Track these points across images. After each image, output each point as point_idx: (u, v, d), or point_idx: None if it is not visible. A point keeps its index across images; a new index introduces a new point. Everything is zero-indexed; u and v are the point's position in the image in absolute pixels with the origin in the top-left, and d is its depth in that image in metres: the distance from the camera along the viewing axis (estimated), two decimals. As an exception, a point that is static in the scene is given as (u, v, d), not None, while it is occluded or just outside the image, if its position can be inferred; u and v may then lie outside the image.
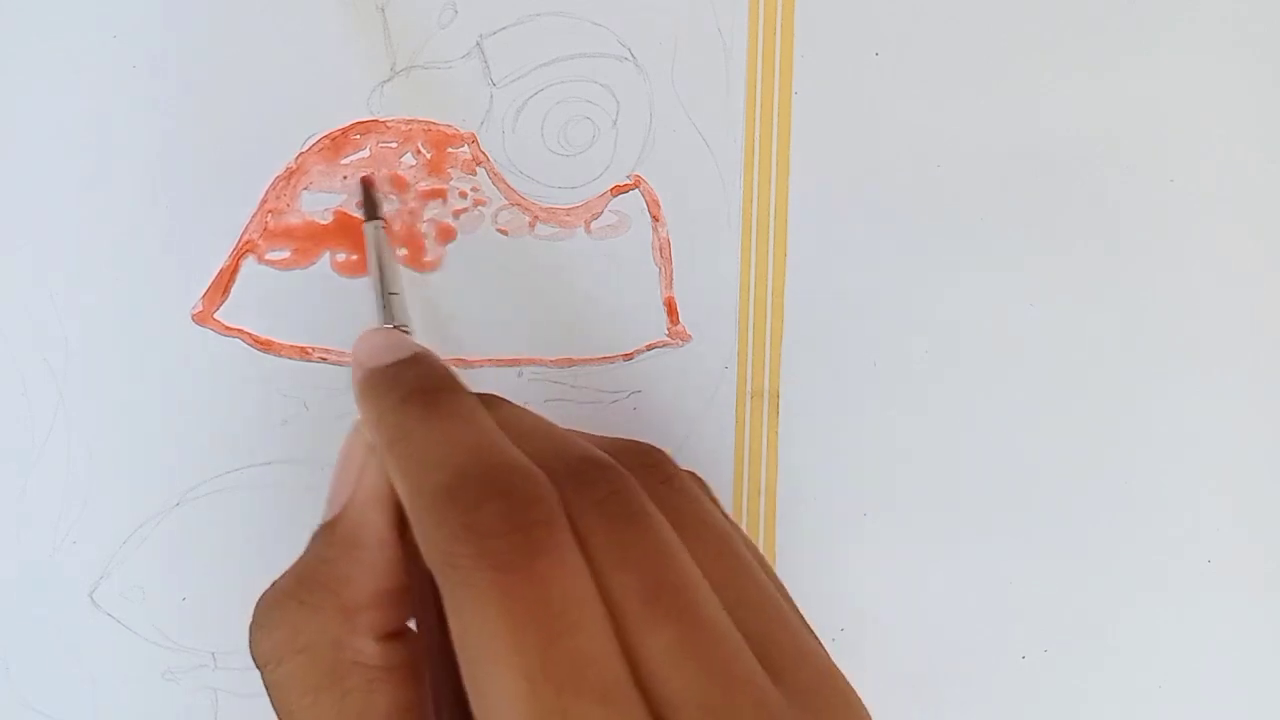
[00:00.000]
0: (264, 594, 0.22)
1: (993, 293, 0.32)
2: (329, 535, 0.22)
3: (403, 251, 0.30)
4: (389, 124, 0.30)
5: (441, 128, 0.30)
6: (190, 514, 0.30)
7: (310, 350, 0.30)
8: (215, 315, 0.30)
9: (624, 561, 0.19)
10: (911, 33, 0.31)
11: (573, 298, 0.31)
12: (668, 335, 0.31)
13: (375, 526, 0.22)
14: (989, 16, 0.32)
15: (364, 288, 0.30)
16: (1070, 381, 0.32)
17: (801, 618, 0.21)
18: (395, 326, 0.26)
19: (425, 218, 0.30)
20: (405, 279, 0.30)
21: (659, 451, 0.22)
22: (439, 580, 0.18)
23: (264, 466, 0.30)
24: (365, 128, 0.30)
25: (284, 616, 0.21)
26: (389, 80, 0.30)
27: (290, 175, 0.30)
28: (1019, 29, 0.32)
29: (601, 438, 0.23)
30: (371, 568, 0.21)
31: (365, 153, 0.30)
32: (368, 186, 0.29)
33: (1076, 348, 0.32)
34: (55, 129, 0.29)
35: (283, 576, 0.22)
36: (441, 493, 0.19)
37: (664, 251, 0.31)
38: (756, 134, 0.31)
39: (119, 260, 0.29)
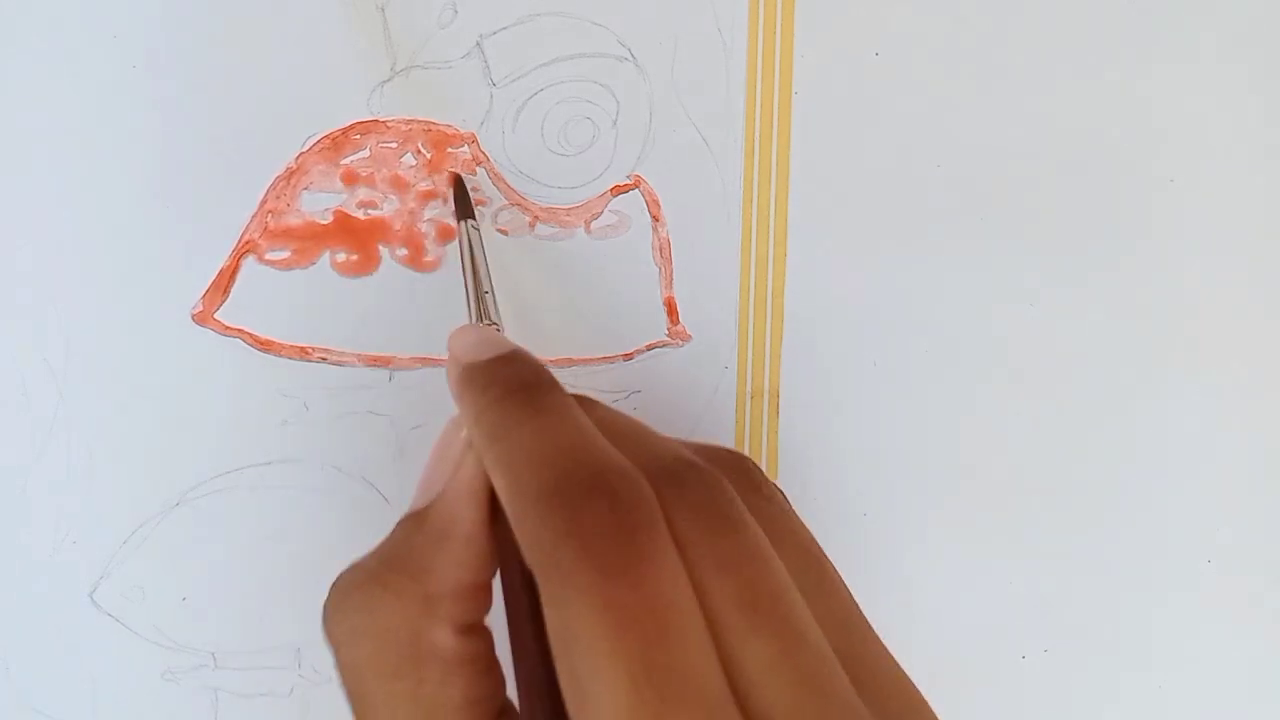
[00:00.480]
0: (343, 574, 0.22)
1: (993, 293, 0.32)
2: (419, 523, 0.22)
3: (403, 251, 0.30)
4: (389, 124, 0.30)
5: (441, 128, 0.30)
6: (190, 514, 0.30)
7: (310, 350, 0.30)
8: (215, 315, 0.30)
9: (721, 567, 0.18)
10: (911, 33, 0.31)
11: (573, 298, 0.31)
12: (668, 335, 0.31)
13: (467, 520, 0.21)
14: (989, 16, 0.32)
15: (363, 287, 0.30)
16: (1070, 381, 0.32)
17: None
18: (488, 324, 0.26)
19: (425, 218, 0.30)
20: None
21: (750, 460, 0.22)
22: (539, 578, 0.18)
23: (264, 466, 0.30)
24: (365, 128, 0.30)
25: (365, 599, 0.21)
26: (389, 80, 0.30)
27: (290, 175, 0.30)
28: (1019, 29, 0.32)
29: (693, 443, 0.22)
30: (458, 560, 0.21)
31: (365, 153, 0.30)
32: (458, 185, 0.30)
33: (1076, 348, 0.32)
34: (55, 129, 0.29)
35: (365, 558, 0.22)
36: (545, 491, 0.19)
37: (664, 251, 0.31)
38: (756, 134, 0.31)
39: (119, 260, 0.29)
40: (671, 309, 0.31)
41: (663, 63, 0.31)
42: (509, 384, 0.21)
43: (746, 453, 0.31)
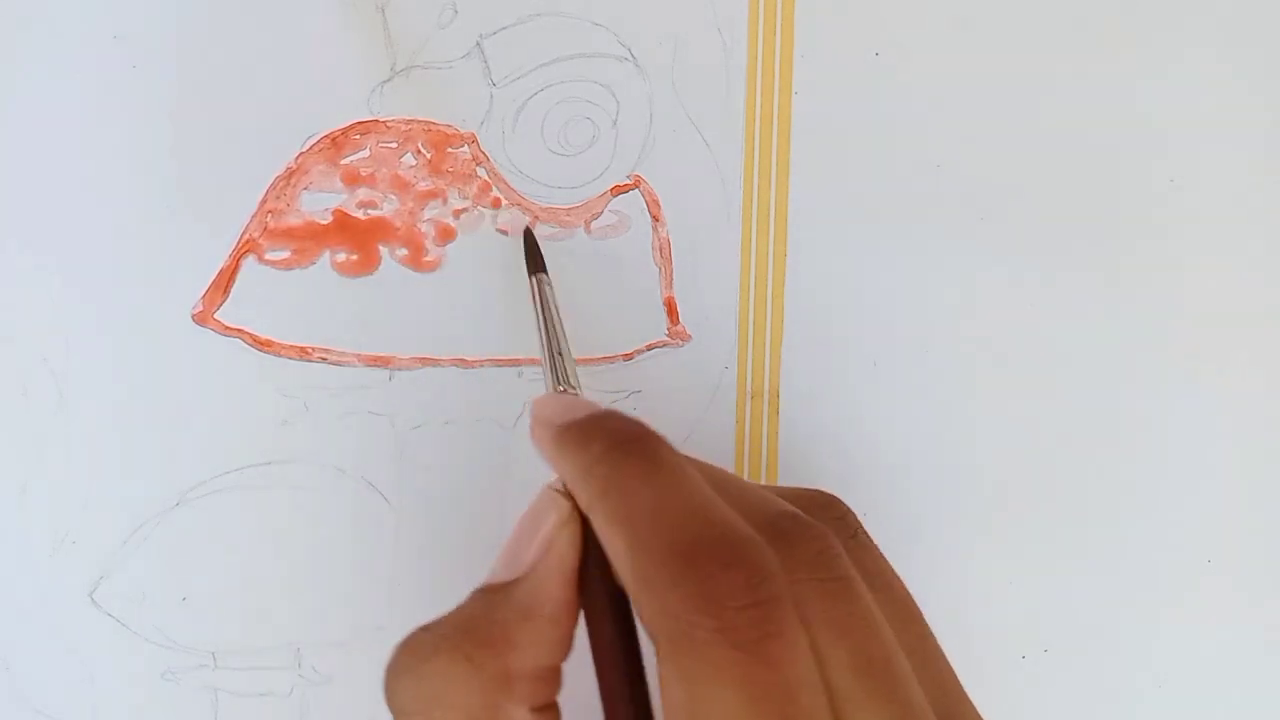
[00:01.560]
0: (414, 636, 0.21)
1: (993, 293, 0.32)
2: (504, 597, 0.21)
3: (402, 251, 0.30)
4: (389, 124, 0.30)
5: (441, 128, 0.30)
6: (190, 514, 0.30)
7: (310, 350, 0.30)
8: (215, 315, 0.30)
9: (836, 632, 0.19)
10: (911, 33, 0.31)
11: (573, 298, 0.31)
12: (668, 335, 0.31)
13: (556, 601, 0.21)
14: (989, 17, 0.32)
15: (363, 287, 0.30)
16: (1070, 381, 0.32)
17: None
18: (567, 389, 0.26)
19: (425, 218, 0.30)
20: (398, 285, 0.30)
21: (841, 503, 0.22)
22: (664, 645, 0.18)
23: (263, 466, 0.30)
24: (365, 128, 0.30)
25: (442, 667, 0.20)
26: (389, 80, 0.30)
27: (290, 175, 0.30)
28: (1019, 29, 0.32)
29: (780, 488, 0.22)
30: (541, 640, 0.21)
31: (365, 153, 0.30)
32: (529, 240, 0.29)
33: (1076, 347, 0.32)
34: (55, 129, 0.29)
35: (440, 624, 0.21)
36: (676, 554, 0.19)
37: (664, 251, 0.31)
38: (756, 134, 0.31)
39: (119, 260, 0.29)
40: (671, 309, 0.31)
41: (663, 63, 0.31)
42: (615, 437, 0.21)
43: (747, 453, 0.31)
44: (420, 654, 0.21)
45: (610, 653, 0.20)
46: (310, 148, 0.30)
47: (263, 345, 0.30)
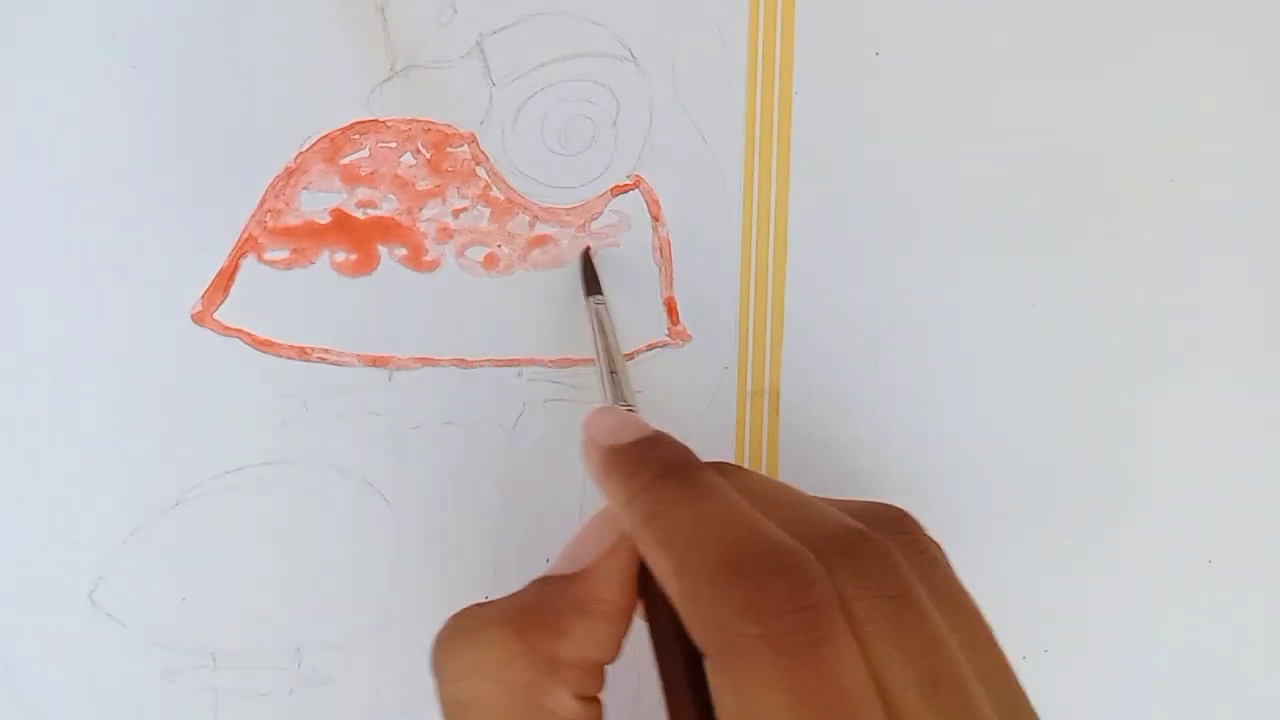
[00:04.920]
0: (467, 610, 0.22)
1: (993, 293, 0.32)
2: (562, 589, 0.22)
3: (402, 251, 0.30)
4: (388, 124, 0.30)
5: (441, 127, 0.30)
6: (190, 514, 0.30)
7: (310, 350, 0.30)
8: (215, 315, 0.30)
9: (902, 651, 0.19)
10: (911, 33, 0.31)
11: (573, 298, 0.31)
12: (668, 335, 0.31)
13: (613, 601, 0.22)
14: (989, 17, 0.32)
15: (362, 287, 0.30)
16: (1070, 381, 0.32)
17: None
18: (623, 406, 0.26)
19: (424, 217, 0.30)
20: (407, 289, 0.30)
21: (909, 517, 0.22)
22: (713, 657, 0.19)
23: (263, 466, 0.30)
24: (365, 127, 0.30)
25: (498, 639, 0.21)
26: (388, 80, 0.30)
27: (290, 175, 0.30)
28: (1019, 29, 0.32)
29: (844, 501, 0.23)
30: (592, 634, 0.21)
31: (365, 152, 0.30)
32: (586, 262, 0.30)
33: (1076, 348, 0.32)
34: (55, 129, 0.29)
35: (501, 601, 0.22)
36: (719, 568, 0.19)
37: (664, 251, 0.31)
38: (756, 134, 0.31)
39: (119, 260, 0.29)
40: (671, 309, 0.31)
41: (663, 63, 0.31)
42: (658, 468, 0.22)
43: (747, 453, 0.31)
44: (474, 624, 0.21)
45: (671, 661, 0.21)
46: (310, 147, 0.30)
47: (262, 345, 0.30)
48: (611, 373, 0.27)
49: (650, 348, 0.31)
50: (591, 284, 0.30)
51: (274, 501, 0.30)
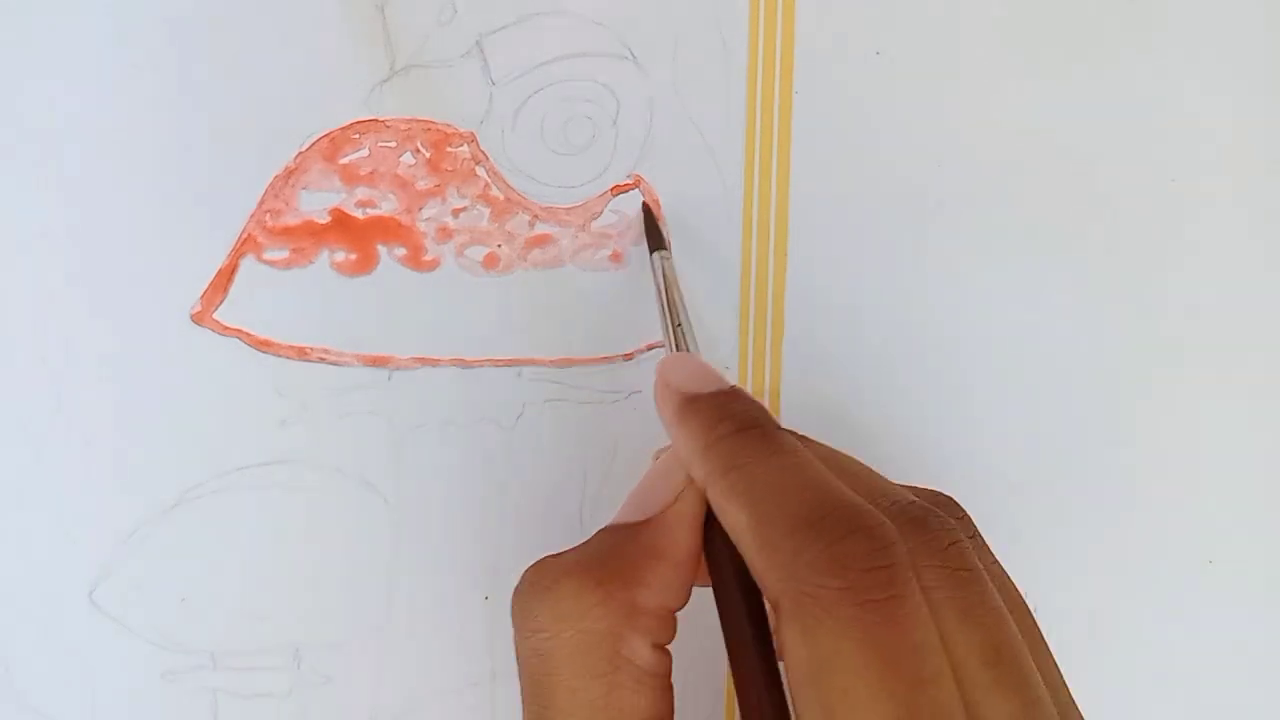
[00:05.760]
0: (544, 561, 0.22)
1: (993, 293, 0.32)
2: (633, 536, 0.22)
3: (401, 251, 0.30)
4: (388, 123, 0.30)
5: (440, 127, 0.30)
6: (190, 514, 0.30)
7: (309, 350, 0.30)
8: (214, 315, 0.30)
9: (967, 619, 0.19)
10: (911, 33, 0.31)
11: (573, 298, 0.31)
12: (667, 335, 0.31)
13: (683, 546, 0.22)
14: (988, 16, 0.32)
15: (362, 287, 0.30)
16: (1070, 381, 0.32)
17: None
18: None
19: (424, 217, 0.30)
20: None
21: (960, 506, 0.23)
22: (788, 607, 0.19)
23: (263, 466, 0.30)
24: (364, 127, 0.30)
25: (576, 589, 0.21)
26: (388, 79, 0.30)
27: (289, 174, 0.30)
28: (1019, 28, 0.32)
29: (903, 485, 0.23)
30: (666, 581, 0.22)
31: (364, 152, 0.30)
32: (648, 216, 0.30)
33: (1076, 348, 0.32)
34: (55, 128, 0.29)
35: (574, 552, 0.22)
36: (802, 522, 0.19)
37: (664, 251, 0.31)
38: (757, 134, 0.31)
39: (119, 260, 0.29)
40: (671, 309, 0.31)
41: (663, 62, 0.30)
42: (739, 420, 0.22)
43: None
44: (554, 574, 0.21)
45: (735, 611, 0.21)
46: (309, 147, 0.30)
47: (261, 345, 0.30)
48: (677, 325, 0.27)
49: (650, 348, 0.31)
50: (655, 240, 0.29)
51: (274, 501, 0.30)
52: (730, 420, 0.22)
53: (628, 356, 0.31)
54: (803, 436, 0.23)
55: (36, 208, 0.29)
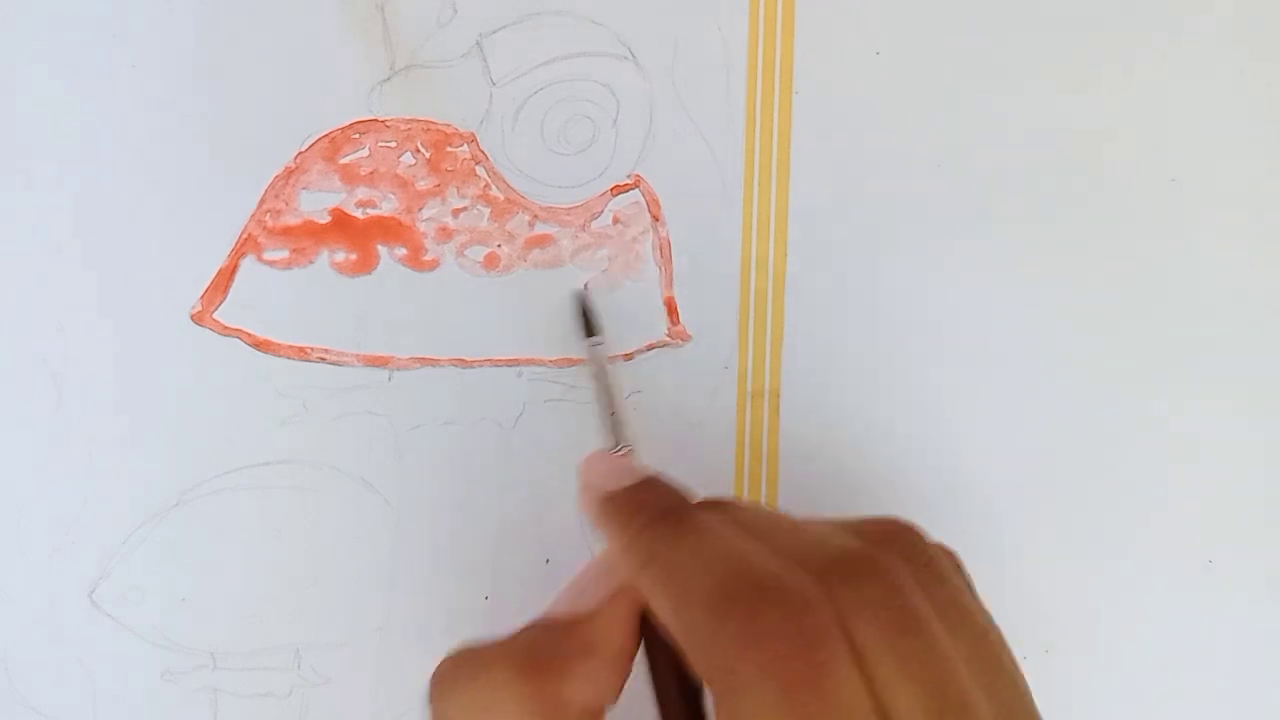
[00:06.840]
0: (466, 650, 0.22)
1: (993, 293, 0.32)
2: (567, 632, 0.22)
3: (401, 251, 0.30)
4: (388, 123, 0.30)
5: (441, 127, 0.30)
6: (190, 514, 0.30)
7: (309, 350, 0.30)
8: (214, 315, 0.30)
9: (906, 676, 0.18)
10: (911, 33, 0.31)
11: (572, 297, 0.31)
12: (668, 335, 0.31)
13: (616, 644, 0.22)
14: (988, 17, 0.32)
15: (362, 287, 0.30)
16: (1070, 381, 0.32)
17: None
18: (620, 448, 0.27)
19: (424, 217, 0.30)
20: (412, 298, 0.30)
21: (912, 530, 0.22)
22: (714, 688, 0.19)
23: (263, 466, 0.30)
24: (364, 127, 0.30)
25: (500, 681, 0.21)
26: (388, 79, 0.30)
27: (289, 174, 0.30)
28: (1019, 29, 0.32)
29: (848, 519, 0.22)
30: (597, 678, 0.22)
31: (364, 152, 0.30)
32: (582, 305, 0.30)
33: (1076, 347, 0.32)
34: (55, 129, 0.29)
35: (500, 644, 0.22)
36: (715, 599, 0.19)
37: (664, 251, 0.31)
38: (757, 134, 0.31)
39: (119, 260, 0.29)
40: (671, 309, 0.31)
41: (663, 62, 0.30)
42: (653, 511, 0.22)
43: (747, 453, 0.31)
44: (477, 665, 0.21)
45: (671, 702, 0.22)
46: (310, 147, 0.30)
47: (262, 345, 0.30)
48: (611, 414, 0.28)
49: (650, 348, 0.31)
50: (589, 325, 0.30)
51: (274, 501, 0.30)
52: (644, 512, 0.22)
53: (628, 357, 0.31)
54: (728, 503, 0.23)
55: (37, 208, 0.29)
